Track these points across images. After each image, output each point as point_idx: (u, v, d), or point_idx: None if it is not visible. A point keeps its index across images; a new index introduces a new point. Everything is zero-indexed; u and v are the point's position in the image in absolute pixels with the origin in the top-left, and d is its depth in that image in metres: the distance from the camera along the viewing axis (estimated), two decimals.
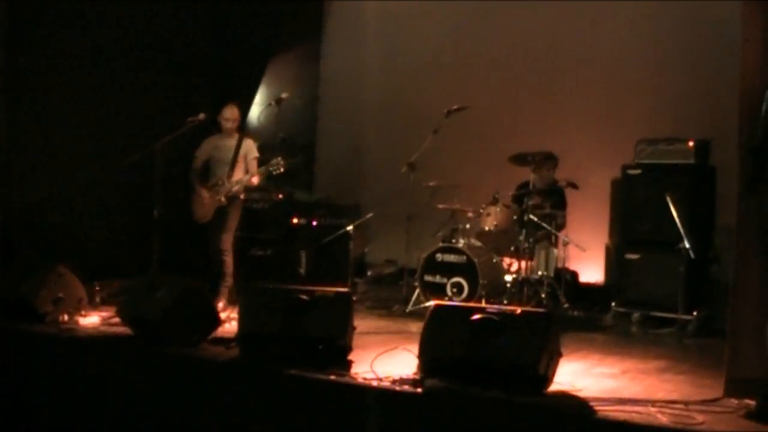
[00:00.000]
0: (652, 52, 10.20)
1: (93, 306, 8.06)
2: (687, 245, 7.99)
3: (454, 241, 9.11)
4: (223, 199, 8.57)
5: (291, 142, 11.29)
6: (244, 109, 10.41)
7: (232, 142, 8.80)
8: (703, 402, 5.36)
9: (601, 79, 10.57)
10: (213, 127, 8.93)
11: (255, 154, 8.87)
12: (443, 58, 11.76)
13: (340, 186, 12.12)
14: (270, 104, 9.10)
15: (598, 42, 10.62)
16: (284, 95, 8.93)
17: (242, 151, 8.76)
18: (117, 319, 7.29)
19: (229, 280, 8.68)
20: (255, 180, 8.71)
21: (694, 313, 8.23)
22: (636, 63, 10.32)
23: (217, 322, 6.99)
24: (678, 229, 8.05)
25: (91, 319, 7.60)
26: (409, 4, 12.04)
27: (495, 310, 5.68)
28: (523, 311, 5.73)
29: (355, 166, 12.57)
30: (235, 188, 8.66)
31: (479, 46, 11.53)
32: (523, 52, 11.18)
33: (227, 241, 8.71)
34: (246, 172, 8.72)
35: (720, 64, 9.12)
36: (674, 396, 5.53)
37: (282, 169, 8.47)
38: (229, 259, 8.69)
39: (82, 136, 9.45)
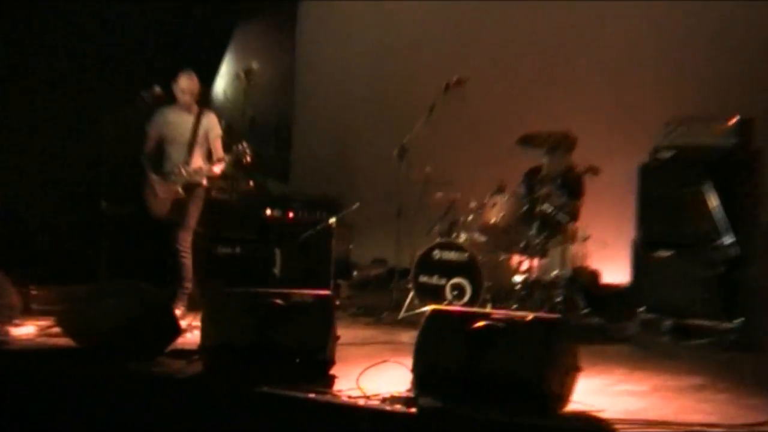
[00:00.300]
0: (685, 18, 10.20)
1: (28, 314, 8.00)
2: (726, 242, 7.96)
3: (453, 236, 9.11)
4: (180, 190, 8.49)
5: (262, 122, 11.30)
6: (207, 81, 10.38)
7: (189, 117, 8.66)
8: (748, 426, 5.32)
9: (626, 48, 10.57)
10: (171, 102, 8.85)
11: (218, 131, 8.74)
12: (440, 25, 11.76)
13: (320, 174, 12.12)
14: (237, 76, 9.05)
15: (621, 5, 10.61)
16: (254, 66, 8.87)
17: (202, 128, 8.64)
18: (57, 330, 7.23)
19: (188, 285, 8.64)
20: (217, 169, 8.64)
21: (734, 322, 8.20)
22: (666, 29, 10.32)
23: (177, 332, 6.94)
24: (716, 223, 8.02)
25: (25, 330, 7.54)
26: None
27: (501, 317, 5.64)
28: (533, 318, 5.69)
29: (338, 151, 12.56)
30: (195, 178, 8.59)
31: (481, 12, 11.54)
32: (532, 19, 11.19)
33: (185, 239, 8.64)
34: (208, 155, 8.63)
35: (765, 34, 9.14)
36: (713, 419, 5.49)
37: (248, 158, 8.37)
38: (188, 261, 8.64)
39: (14, 117, 9.38)
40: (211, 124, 8.71)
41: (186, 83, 8.64)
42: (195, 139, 8.58)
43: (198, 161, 8.57)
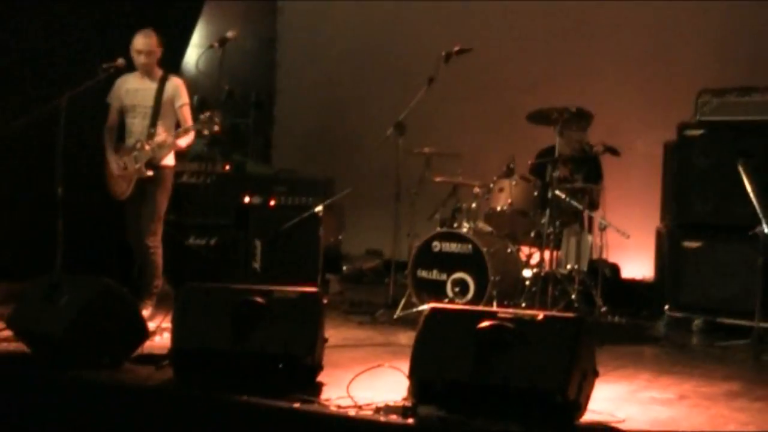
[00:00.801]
0: None
1: None
2: (766, 229, 7.95)
3: (456, 225, 9.11)
4: (144, 168, 8.35)
5: (241, 95, 11.28)
6: (178, 52, 10.33)
7: (151, 84, 8.51)
8: None
9: (650, 13, 10.58)
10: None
11: (184, 99, 8.54)
12: None
13: (305, 154, 12.13)
14: (212, 46, 8.95)
15: None
16: (230, 34, 8.79)
17: (166, 95, 8.46)
18: (6, 333, 7.21)
19: (158, 281, 8.58)
20: (183, 142, 8.49)
21: None
22: None
23: (144, 334, 6.92)
24: (754, 207, 8.01)
25: None
26: None
27: (510, 316, 5.64)
28: (546, 317, 5.69)
29: (326, 127, 12.56)
30: (161, 153, 8.41)
31: None
32: None
33: (154, 228, 8.51)
34: (175, 127, 8.53)
35: None
36: (750, 429, 5.52)
37: (217, 128, 8.26)
38: (158, 253, 8.56)
39: None
40: (177, 90, 8.52)
41: (142, 42, 8.44)
42: (158, 108, 8.41)
43: (163, 134, 8.41)
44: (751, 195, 8.05)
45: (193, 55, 10.90)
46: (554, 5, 11.10)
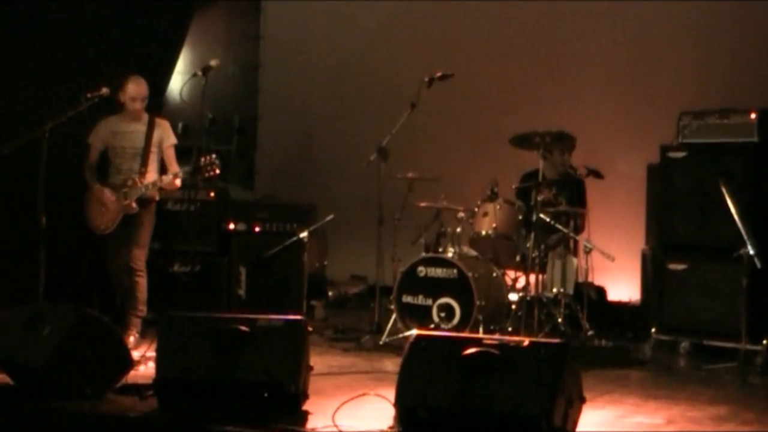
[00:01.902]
0: (694, 6, 10.22)
1: None
2: (751, 250, 7.95)
3: (440, 249, 9.08)
4: (133, 204, 8.48)
5: (224, 120, 11.26)
6: (162, 80, 10.31)
7: (139, 126, 8.70)
8: None
9: (631, 36, 10.62)
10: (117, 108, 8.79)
11: (172, 140, 8.80)
12: (423, 10, 11.75)
13: (288, 179, 12.09)
14: (195, 74, 8.92)
15: None
16: (213, 63, 8.71)
17: (156, 138, 8.69)
18: None
19: (142, 308, 8.61)
20: (178, 182, 8.67)
21: (764, 342, 8.21)
22: (677, 13, 10.36)
23: (128, 364, 6.89)
24: (737, 228, 8.00)
25: None
26: None
27: (495, 342, 5.64)
28: (532, 342, 5.70)
29: (309, 154, 12.54)
30: (150, 192, 8.58)
31: None
32: (523, 5, 11.23)
33: (140, 257, 8.63)
34: (161, 167, 8.61)
35: None
36: None
37: (217, 170, 8.35)
38: (142, 281, 8.61)
39: None
40: (165, 133, 8.79)
41: (135, 89, 8.66)
42: (148, 149, 8.63)
43: (152, 173, 8.60)
44: (735, 216, 8.05)
45: (177, 82, 10.86)
46: (535, 29, 11.12)
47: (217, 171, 8.36)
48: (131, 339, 8.24)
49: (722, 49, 10.03)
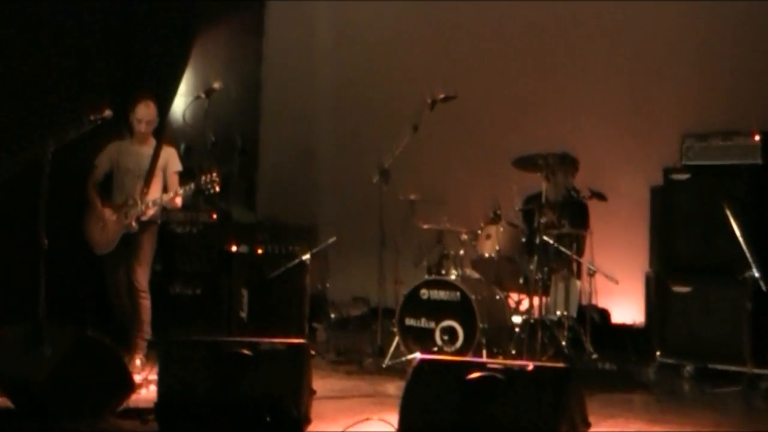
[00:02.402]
0: (701, 21, 10.24)
1: None
2: (755, 273, 7.93)
3: (443, 272, 9.05)
4: (133, 223, 8.46)
5: (226, 140, 11.23)
6: (164, 102, 10.30)
7: (146, 149, 8.73)
8: None
9: (633, 57, 10.61)
10: (123, 127, 8.80)
11: (177, 167, 8.78)
12: (425, 31, 11.79)
13: (290, 202, 12.06)
14: (198, 97, 8.94)
15: (627, 8, 10.64)
16: (216, 85, 8.74)
17: (161, 162, 8.69)
18: None
19: (147, 331, 8.55)
20: (179, 201, 8.64)
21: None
22: (679, 35, 10.36)
23: (130, 386, 6.86)
24: (742, 250, 7.99)
25: None
26: None
27: (498, 366, 5.62)
28: (536, 366, 5.69)
29: (311, 176, 12.53)
30: (151, 210, 8.54)
31: (468, 16, 11.57)
32: (525, 24, 11.24)
33: (142, 276, 8.57)
34: (164, 189, 8.61)
35: None
36: None
37: (217, 188, 8.34)
38: (146, 302, 8.56)
39: None
40: (170, 158, 8.79)
41: (144, 111, 8.69)
42: (153, 171, 8.62)
43: (155, 193, 8.59)
44: (739, 238, 8.03)
45: (180, 104, 10.87)
46: (538, 50, 11.11)
47: (217, 188, 8.33)
48: (137, 362, 8.23)
49: (725, 71, 10.02)
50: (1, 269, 9.20)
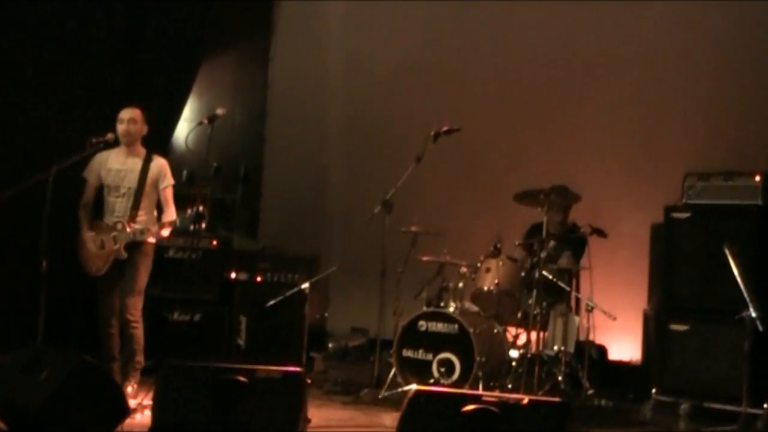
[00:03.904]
0: (704, 60, 10.27)
1: None
2: (753, 313, 7.92)
3: (442, 304, 9.05)
4: (122, 250, 8.23)
5: (229, 168, 11.26)
6: (168, 127, 10.32)
7: (135, 162, 8.43)
8: None
9: (636, 95, 10.63)
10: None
11: (169, 181, 8.48)
12: (428, 63, 11.81)
13: (292, 231, 12.07)
14: (201, 123, 8.83)
15: (631, 46, 10.71)
16: (220, 111, 8.57)
17: (151, 176, 8.40)
18: None
19: (140, 360, 8.36)
20: (166, 233, 8.39)
21: (765, 406, 8.15)
22: (683, 74, 10.40)
23: (125, 412, 6.83)
24: (740, 291, 7.98)
25: None
26: None
27: (494, 399, 5.61)
28: (531, 400, 5.66)
29: (313, 205, 12.53)
30: (141, 238, 8.27)
31: (474, 51, 11.62)
32: (530, 59, 11.26)
33: (135, 306, 8.33)
34: (156, 207, 8.46)
35: None
36: None
37: (203, 224, 8.21)
38: (138, 332, 8.34)
39: None
40: (162, 171, 8.48)
41: (125, 111, 8.44)
42: (142, 189, 8.34)
43: (145, 217, 8.34)
44: (738, 278, 8.02)
45: (183, 129, 10.88)
46: (542, 86, 11.15)
47: (203, 225, 8.21)
48: (129, 389, 8.07)
49: (728, 111, 10.05)
50: (1, 293, 9.19)
